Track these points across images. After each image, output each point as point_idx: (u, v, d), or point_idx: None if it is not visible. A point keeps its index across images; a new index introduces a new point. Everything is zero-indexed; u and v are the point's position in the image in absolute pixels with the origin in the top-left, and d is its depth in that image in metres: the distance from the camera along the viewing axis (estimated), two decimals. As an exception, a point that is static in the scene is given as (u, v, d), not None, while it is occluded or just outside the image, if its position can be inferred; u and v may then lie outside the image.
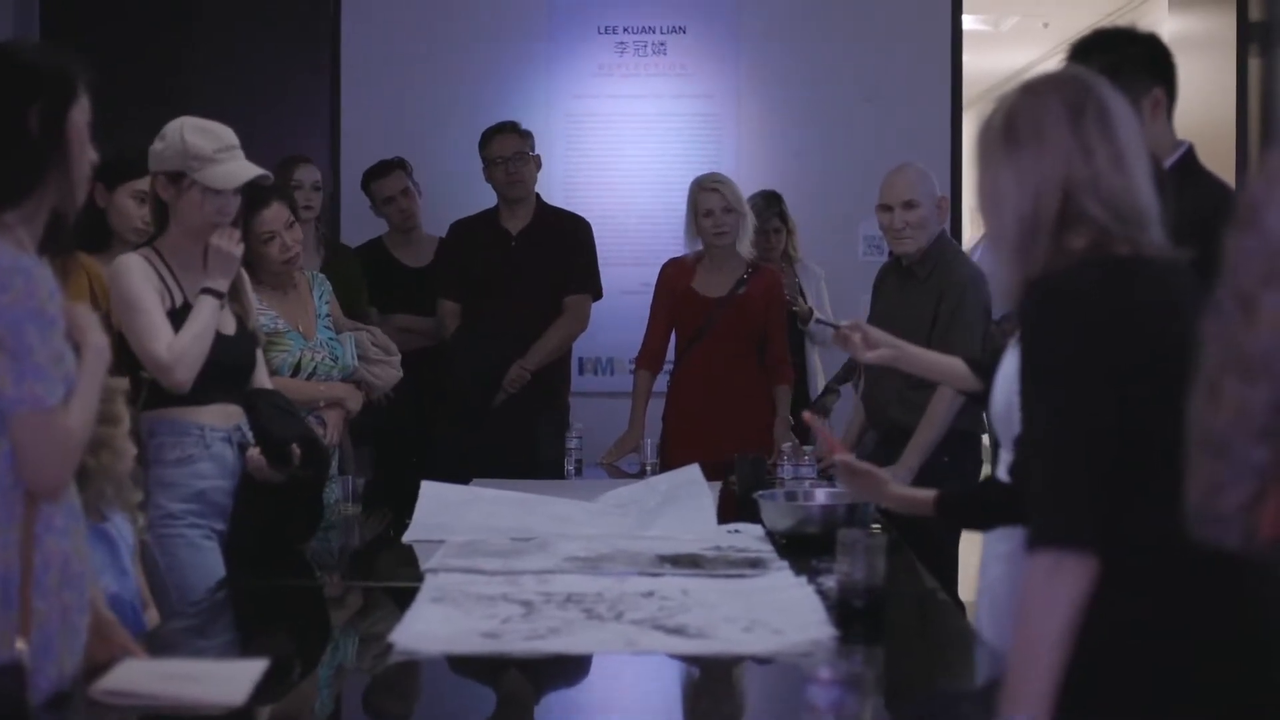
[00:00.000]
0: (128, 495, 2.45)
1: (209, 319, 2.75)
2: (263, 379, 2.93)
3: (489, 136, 4.49)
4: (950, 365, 2.50)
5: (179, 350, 2.70)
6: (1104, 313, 1.62)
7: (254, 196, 2.91)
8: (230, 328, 2.84)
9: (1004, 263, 1.72)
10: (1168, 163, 2.34)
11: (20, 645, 1.70)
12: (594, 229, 4.60)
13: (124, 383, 2.75)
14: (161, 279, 2.76)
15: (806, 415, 2.57)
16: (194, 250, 2.80)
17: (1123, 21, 2.66)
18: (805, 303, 4.82)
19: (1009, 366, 2.11)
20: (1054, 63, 2.18)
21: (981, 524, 2.19)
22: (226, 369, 2.81)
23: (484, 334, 4.35)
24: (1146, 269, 1.67)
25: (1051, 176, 1.69)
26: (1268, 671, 1.58)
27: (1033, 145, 1.70)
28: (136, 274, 2.73)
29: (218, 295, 2.78)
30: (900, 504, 2.30)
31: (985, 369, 2.17)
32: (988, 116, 1.77)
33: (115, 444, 2.21)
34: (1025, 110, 1.72)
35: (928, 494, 2.22)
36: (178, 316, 2.75)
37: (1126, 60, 2.23)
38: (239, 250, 2.80)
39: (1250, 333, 1.28)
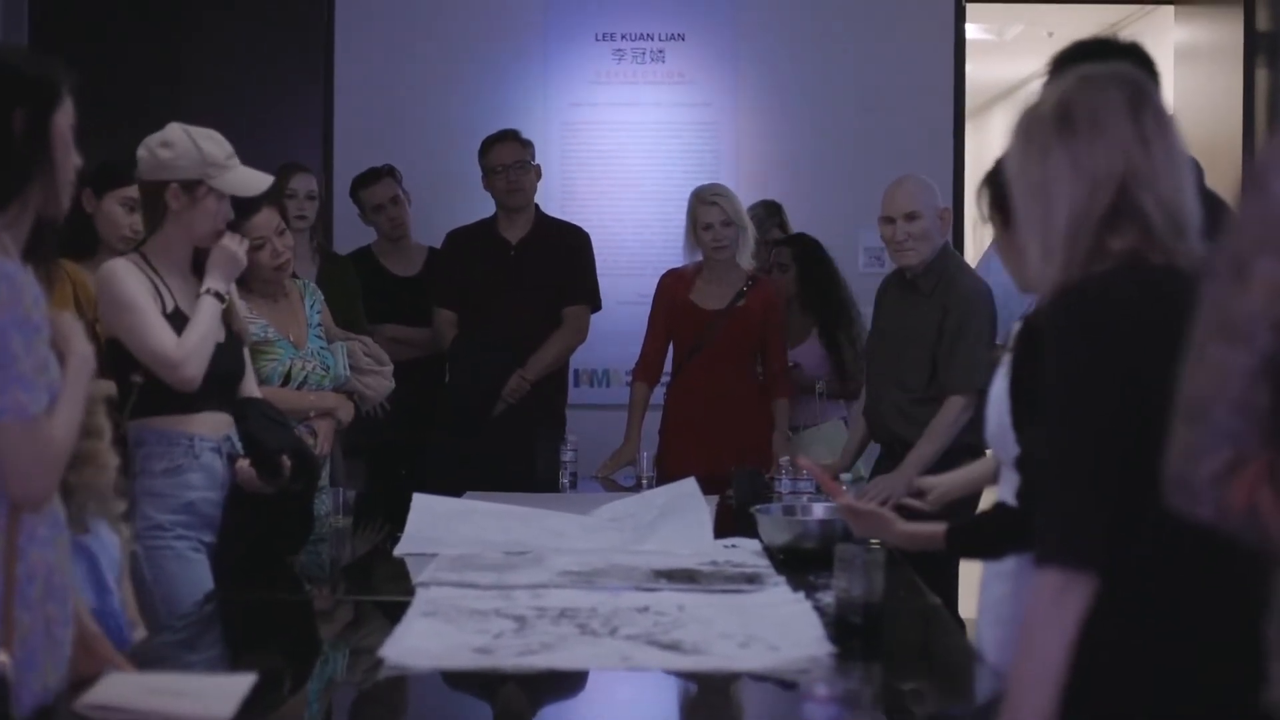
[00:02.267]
0: (111, 506, 2.42)
1: (213, 319, 2.74)
2: (251, 387, 2.90)
3: (489, 145, 4.46)
4: (983, 471, 2.43)
5: (189, 347, 2.69)
6: (1133, 327, 1.58)
7: (244, 202, 2.88)
8: (220, 335, 2.81)
9: (1043, 256, 1.66)
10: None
11: (2, 658, 1.67)
12: (591, 239, 4.57)
13: (109, 386, 2.72)
14: (151, 283, 2.73)
15: (801, 460, 2.55)
16: (184, 257, 2.78)
17: (1128, 32, 2.65)
18: None
19: (999, 387, 2.08)
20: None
21: (993, 554, 2.15)
22: (217, 377, 2.78)
23: (482, 344, 4.32)
24: (1180, 283, 1.63)
25: (1109, 168, 1.63)
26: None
27: (1089, 134, 1.64)
28: (129, 277, 2.70)
29: (220, 298, 2.76)
30: (908, 541, 2.26)
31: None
32: (1034, 104, 1.71)
33: (99, 459, 2.18)
34: (1082, 99, 1.66)
35: (936, 528, 2.18)
36: (169, 322, 2.71)
37: None
38: (244, 256, 2.80)
39: (1239, 297, 1.26)
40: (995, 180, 2.05)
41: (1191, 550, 1.56)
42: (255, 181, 2.78)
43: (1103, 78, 1.68)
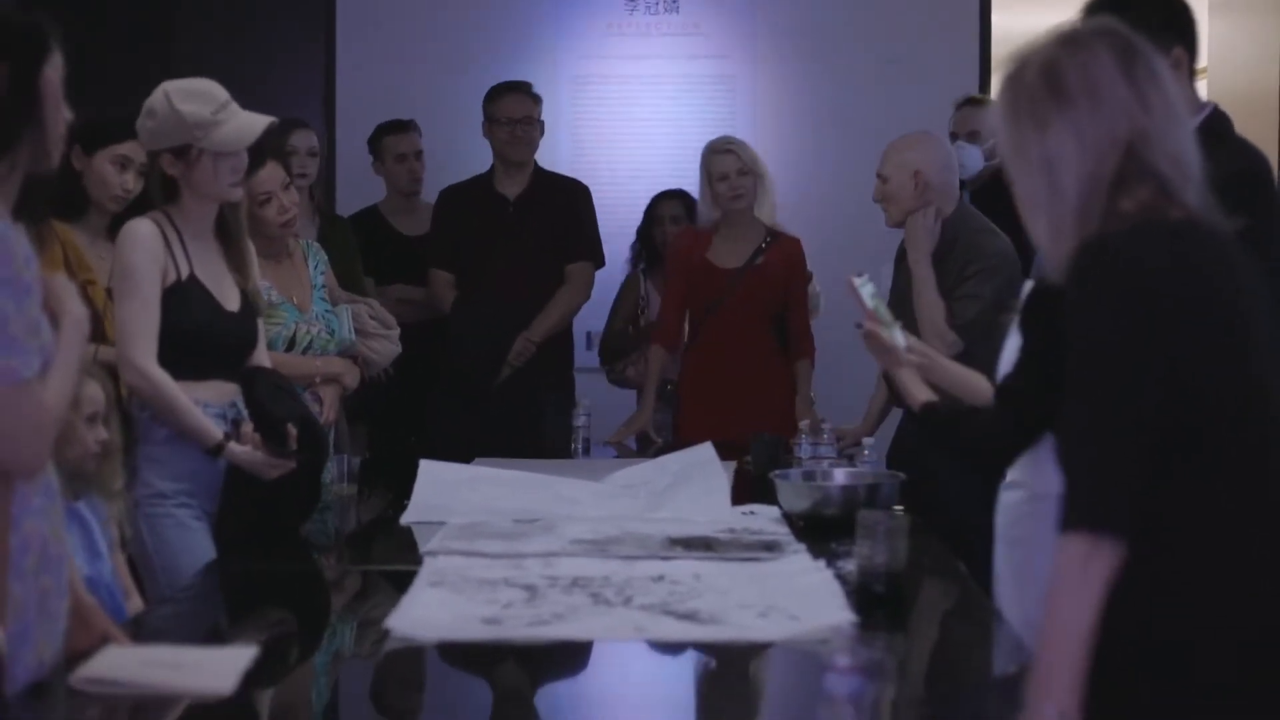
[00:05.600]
0: (104, 480, 2.38)
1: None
2: (263, 355, 2.85)
3: (498, 93, 4.36)
4: (975, 384, 2.40)
5: (144, 372, 2.58)
6: (1163, 286, 1.54)
7: (249, 156, 2.80)
8: (234, 303, 2.76)
9: (1060, 230, 1.63)
10: (1193, 124, 2.26)
11: (-4, 632, 1.63)
12: (602, 197, 4.51)
13: (108, 353, 2.67)
14: (169, 249, 2.67)
15: (849, 279, 2.42)
16: (207, 217, 2.72)
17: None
18: None
19: (1011, 348, 2.04)
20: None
21: (956, 449, 2.15)
22: (229, 347, 2.74)
23: (484, 305, 4.25)
24: (1204, 238, 1.58)
25: (1113, 132, 1.60)
26: None
27: (1087, 101, 1.60)
28: (143, 249, 2.63)
29: None
30: (900, 387, 2.28)
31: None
32: (1014, 72, 1.67)
33: (66, 430, 2.12)
34: (1070, 64, 1.62)
35: (922, 393, 2.22)
36: (178, 291, 2.65)
37: (1145, 19, 2.15)
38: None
39: None
40: None
41: (1220, 513, 1.55)
42: (248, 131, 2.67)
43: (1086, 37, 1.65)
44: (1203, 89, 4.73)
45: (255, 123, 2.69)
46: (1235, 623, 1.53)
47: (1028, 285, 2.25)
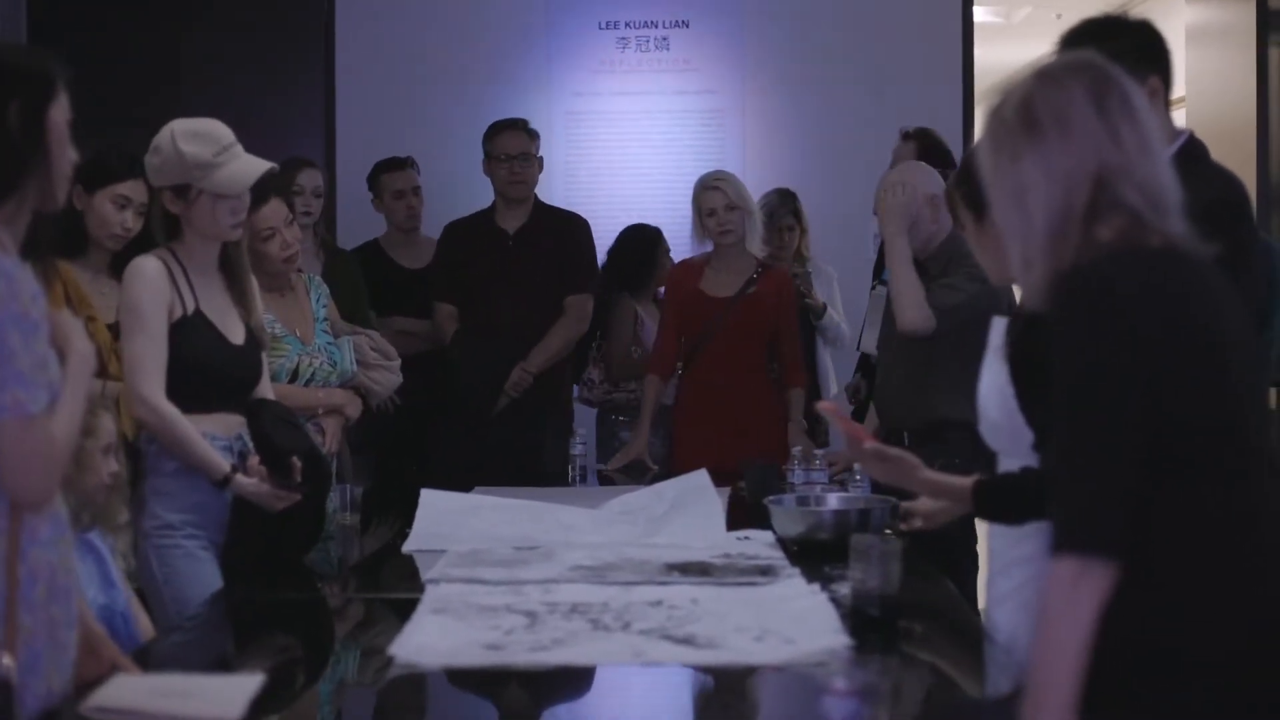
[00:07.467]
0: (109, 513, 2.41)
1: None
2: (267, 388, 2.87)
3: (497, 130, 4.44)
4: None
5: (153, 406, 2.61)
6: (1144, 310, 1.56)
7: (252, 193, 2.83)
8: (239, 337, 2.78)
9: (1030, 260, 1.66)
10: (1169, 152, 2.30)
11: (6, 662, 1.66)
12: (596, 231, 4.55)
13: (117, 388, 2.69)
14: (175, 285, 2.70)
15: (822, 405, 2.47)
16: (210, 254, 2.75)
17: (1137, 12, 2.62)
18: (818, 298, 4.74)
19: (997, 379, 2.06)
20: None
21: (1017, 516, 2.12)
22: (234, 380, 2.76)
23: (484, 337, 4.29)
24: (1181, 264, 1.61)
25: (1082, 165, 1.63)
26: None
27: (1057, 133, 1.64)
28: (150, 286, 2.65)
29: None
30: (932, 490, 2.23)
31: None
32: (996, 106, 1.71)
33: (84, 459, 2.15)
34: (1044, 97, 1.66)
35: (963, 481, 2.16)
36: (185, 325, 2.68)
37: (1121, 50, 2.19)
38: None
39: None
40: (965, 178, 2.06)
41: (1204, 528, 1.57)
42: (246, 176, 2.70)
43: (1060, 71, 1.68)
44: (1181, 118, 4.79)
45: (254, 167, 2.71)
46: (1227, 633, 1.54)
47: (998, 323, 2.28)
